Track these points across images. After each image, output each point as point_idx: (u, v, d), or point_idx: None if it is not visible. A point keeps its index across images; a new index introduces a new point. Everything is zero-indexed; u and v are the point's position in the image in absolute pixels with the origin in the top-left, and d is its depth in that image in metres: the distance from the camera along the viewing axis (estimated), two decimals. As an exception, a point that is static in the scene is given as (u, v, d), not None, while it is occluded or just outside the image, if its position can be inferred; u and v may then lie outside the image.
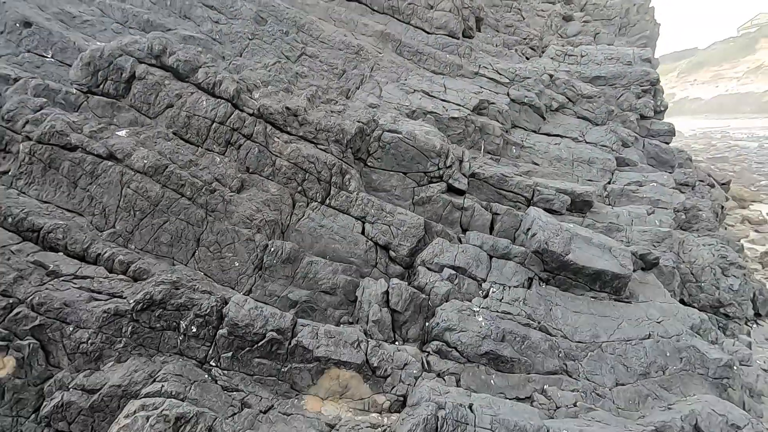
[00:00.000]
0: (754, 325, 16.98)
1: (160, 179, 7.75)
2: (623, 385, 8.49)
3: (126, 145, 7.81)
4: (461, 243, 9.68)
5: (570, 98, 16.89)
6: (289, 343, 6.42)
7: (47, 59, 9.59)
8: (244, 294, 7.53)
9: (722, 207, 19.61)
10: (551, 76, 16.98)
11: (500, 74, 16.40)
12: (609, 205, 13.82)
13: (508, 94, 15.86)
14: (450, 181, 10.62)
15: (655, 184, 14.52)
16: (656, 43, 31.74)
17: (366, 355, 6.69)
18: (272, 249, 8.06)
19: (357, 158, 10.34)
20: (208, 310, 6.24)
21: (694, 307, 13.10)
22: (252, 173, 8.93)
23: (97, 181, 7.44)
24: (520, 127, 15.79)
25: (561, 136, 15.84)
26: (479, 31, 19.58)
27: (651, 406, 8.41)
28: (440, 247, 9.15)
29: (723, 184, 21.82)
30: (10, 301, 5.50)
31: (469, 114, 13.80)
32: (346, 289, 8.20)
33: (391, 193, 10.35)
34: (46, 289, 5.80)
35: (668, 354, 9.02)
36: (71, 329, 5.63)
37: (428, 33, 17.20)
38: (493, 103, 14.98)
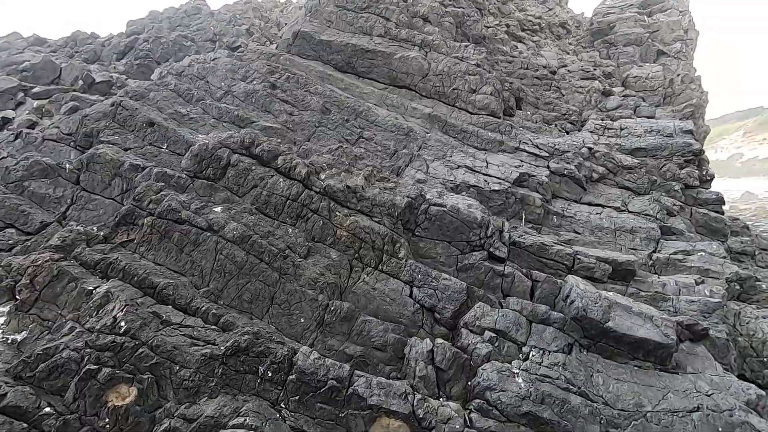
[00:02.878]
0: None
1: (245, 247, 9.48)
2: (671, 457, 8.48)
3: (221, 219, 9.72)
4: (502, 308, 10.44)
5: (610, 169, 17.64)
6: (347, 391, 7.44)
7: (162, 150, 12.18)
8: (307, 347, 8.73)
9: (791, 277, 18.60)
10: (590, 149, 17.97)
11: (540, 148, 17.65)
12: (655, 274, 13.96)
13: (548, 167, 16.93)
14: (491, 249, 11.61)
15: (703, 254, 14.51)
16: (705, 110, 31.94)
17: (413, 406, 7.52)
18: (332, 308, 9.34)
19: (406, 228, 11.70)
20: (282, 358, 7.49)
21: (757, 383, 12.52)
22: (317, 242, 10.50)
23: (198, 248, 9.28)
24: (561, 198, 16.63)
25: (602, 206, 16.43)
26: (519, 109, 21.27)
27: (702, 482, 8.28)
28: (482, 311, 9.98)
29: (790, 252, 20.75)
30: (136, 343, 7.08)
31: (509, 186, 14.97)
32: (395, 347, 9.17)
33: (437, 260, 11.47)
34: (161, 334, 7.36)
35: (720, 429, 8.92)
36: (177, 368, 7.06)
37: (471, 113, 19.07)
38: (533, 176, 16.09)
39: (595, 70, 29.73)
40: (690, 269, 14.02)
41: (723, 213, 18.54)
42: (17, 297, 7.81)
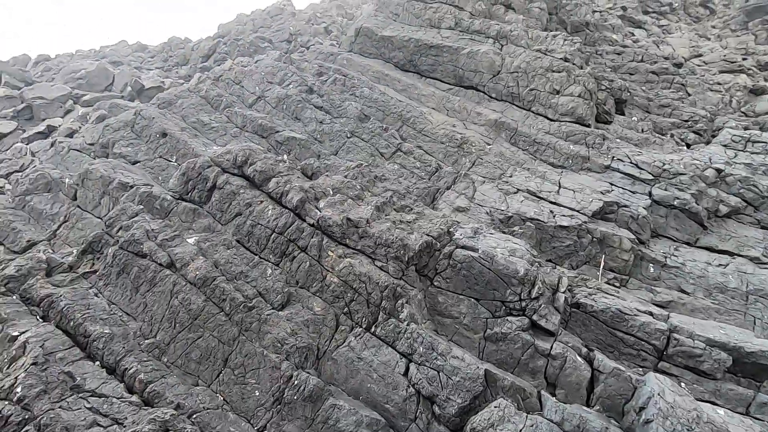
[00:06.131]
0: None
1: (205, 291, 7.89)
2: None
3: (187, 255, 8.26)
4: (537, 410, 7.33)
5: (749, 201, 12.62)
6: None
7: (171, 163, 11.32)
8: (257, 431, 6.85)
9: None
10: (719, 170, 13.08)
11: (641, 168, 13.33)
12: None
13: (649, 194, 12.67)
14: (534, 317, 8.44)
15: None
16: None
17: None
18: (295, 382, 7.28)
19: (423, 275, 9.11)
20: (186, 464, 5.66)
21: None
22: (301, 288, 8.52)
23: (154, 289, 7.94)
24: (667, 237, 12.28)
25: (731, 254, 11.70)
26: (621, 114, 16.71)
27: None
28: (500, 414, 7.03)
29: None
30: (26, 417, 5.89)
31: (585, 222, 11.28)
32: (367, 451, 6.79)
33: (458, 321, 8.70)
34: (59, 406, 6.08)
35: None
36: (63, 457, 5.69)
37: (551, 120, 15.32)
38: (625, 206, 12.08)
39: (744, 59, 22.91)
40: None
41: None
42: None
